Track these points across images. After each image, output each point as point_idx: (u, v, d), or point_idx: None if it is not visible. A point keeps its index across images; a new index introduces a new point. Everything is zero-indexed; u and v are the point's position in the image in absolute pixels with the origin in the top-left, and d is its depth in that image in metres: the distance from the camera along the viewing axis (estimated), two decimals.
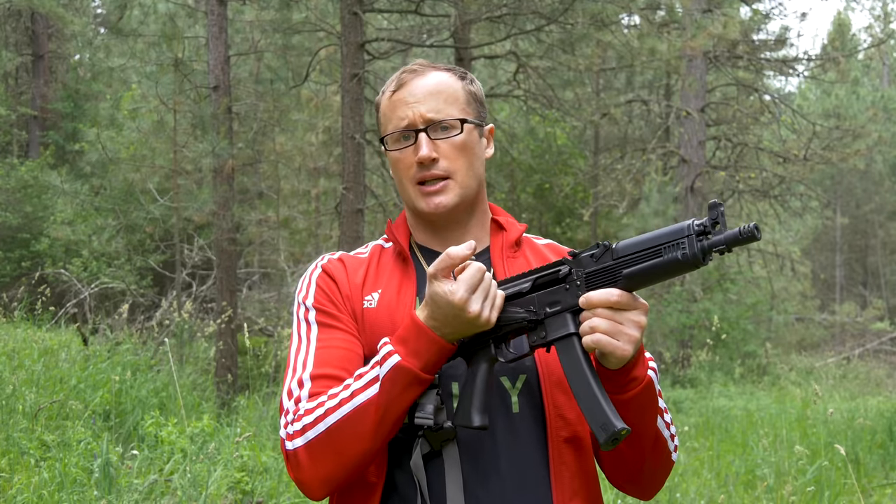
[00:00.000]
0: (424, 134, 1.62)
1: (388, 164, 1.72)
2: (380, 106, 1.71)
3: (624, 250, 1.43)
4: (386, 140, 1.66)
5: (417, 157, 1.61)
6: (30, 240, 15.68)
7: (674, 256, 1.38)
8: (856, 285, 29.55)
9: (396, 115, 1.65)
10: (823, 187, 24.28)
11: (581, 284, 1.47)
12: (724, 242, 1.35)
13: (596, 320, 1.43)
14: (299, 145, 12.16)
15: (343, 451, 1.49)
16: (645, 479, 1.64)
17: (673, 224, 1.42)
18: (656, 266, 1.40)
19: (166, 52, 9.91)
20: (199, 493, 4.73)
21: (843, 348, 19.65)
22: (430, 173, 1.62)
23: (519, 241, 1.73)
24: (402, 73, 1.68)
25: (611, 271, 1.44)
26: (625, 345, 1.42)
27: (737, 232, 1.33)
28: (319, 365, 1.58)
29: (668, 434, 1.62)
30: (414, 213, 1.70)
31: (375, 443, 1.50)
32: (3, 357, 7.12)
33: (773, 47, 17.31)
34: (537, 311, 1.50)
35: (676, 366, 14.60)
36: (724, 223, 1.36)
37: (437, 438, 1.51)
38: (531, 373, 1.59)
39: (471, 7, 8.98)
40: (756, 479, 6.40)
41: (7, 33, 19.64)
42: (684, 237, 1.37)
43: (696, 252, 1.36)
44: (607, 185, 17.15)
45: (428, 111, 1.63)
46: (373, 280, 1.69)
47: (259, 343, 10.22)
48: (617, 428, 1.40)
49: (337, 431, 1.49)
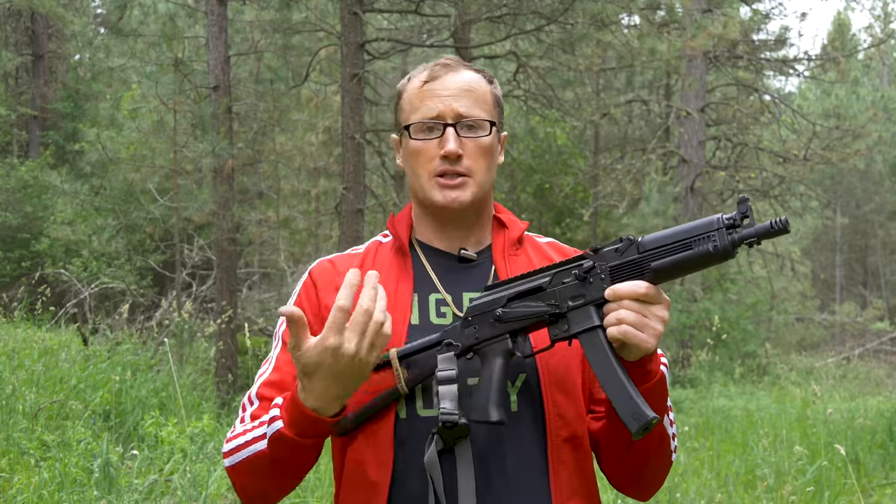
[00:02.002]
0: (453, 129, 1.61)
1: (404, 152, 1.68)
2: (403, 93, 1.68)
3: (651, 244, 1.44)
4: (410, 128, 1.64)
5: (444, 150, 1.60)
6: (30, 240, 15.68)
7: (705, 249, 1.40)
8: (856, 285, 29.56)
9: (425, 104, 1.63)
10: (823, 187, 24.28)
11: (605, 278, 1.47)
12: (755, 235, 1.37)
13: (623, 312, 1.43)
14: (299, 145, 12.17)
15: (257, 483, 1.58)
16: (646, 478, 1.64)
17: (689, 222, 1.44)
18: (687, 258, 1.41)
19: (166, 52, 9.91)
20: (199, 493, 4.73)
21: (843, 348, 19.65)
22: (452, 169, 1.61)
23: (521, 239, 1.72)
24: (434, 66, 1.66)
25: (638, 264, 1.45)
26: (649, 338, 1.43)
27: (768, 225, 1.36)
28: (267, 386, 1.63)
29: (671, 433, 1.62)
30: (423, 205, 1.68)
31: (282, 485, 1.58)
32: (3, 357, 7.12)
33: (773, 47, 17.32)
34: (559, 305, 1.50)
35: (676, 366, 14.60)
36: (753, 218, 1.38)
37: (451, 436, 1.50)
38: (530, 372, 1.58)
39: (471, 7, 8.98)
40: (756, 479, 6.39)
41: (7, 33, 19.64)
42: (715, 230, 1.39)
43: (728, 244, 1.38)
44: (607, 185, 17.16)
45: (460, 107, 1.62)
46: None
47: (259, 343, 10.22)
48: (649, 417, 1.41)
49: (247, 465, 1.57)
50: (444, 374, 1.50)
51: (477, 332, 1.54)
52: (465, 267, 1.67)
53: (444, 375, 1.50)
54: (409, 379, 1.55)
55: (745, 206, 1.38)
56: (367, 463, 1.57)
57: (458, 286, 1.63)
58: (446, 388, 1.49)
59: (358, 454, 1.59)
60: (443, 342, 1.55)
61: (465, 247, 1.69)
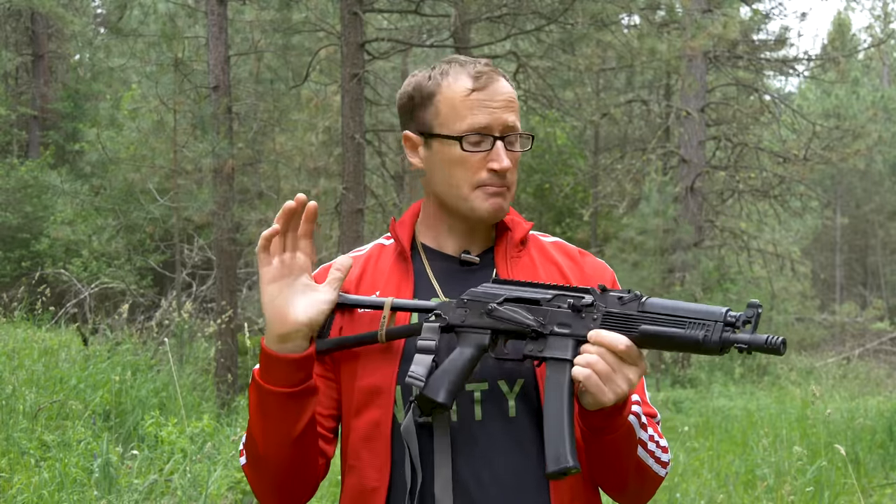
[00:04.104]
0: (502, 143, 1.61)
1: (437, 157, 1.63)
2: (438, 95, 1.63)
3: (651, 307, 1.44)
4: (462, 139, 1.60)
5: (498, 166, 1.59)
6: (30, 240, 15.68)
7: (694, 335, 1.38)
8: (856, 285, 29.55)
9: (474, 114, 1.60)
10: (823, 187, 24.27)
11: (597, 319, 1.47)
12: (747, 343, 1.35)
13: (595, 358, 1.42)
14: (299, 145, 12.16)
15: (263, 479, 1.60)
16: (631, 495, 1.65)
17: (699, 304, 1.42)
18: (674, 336, 1.40)
19: (166, 52, 9.90)
20: (199, 493, 4.73)
21: (843, 348, 19.63)
22: (500, 182, 1.61)
23: (525, 240, 1.71)
24: (477, 72, 1.62)
25: (630, 320, 1.44)
26: (609, 393, 1.41)
27: (763, 339, 1.34)
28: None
29: (654, 459, 1.61)
30: (453, 212, 1.66)
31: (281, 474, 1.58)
32: (3, 357, 7.11)
33: (773, 47, 17.32)
34: (545, 325, 1.50)
35: (676, 366, 14.60)
36: (757, 325, 1.36)
37: (427, 404, 1.50)
38: (529, 378, 1.58)
39: (471, 7, 8.98)
40: (756, 479, 6.39)
41: (7, 33, 19.65)
42: (713, 321, 1.38)
43: (718, 340, 1.37)
44: (607, 185, 17.17)
45: (509, 120, 1.61)
46: (370, 280, 1.68)
47: (259, 343, 10.21)
48: (568, 465, 1.41)
49: (248, 447, 1.61)
50: (423, 344, 1.52)
51: (465, 316, 1.55)
52: (467, 270, 1.67)
53: (423, 345, 1.52)
54: (392, 332, 1.57)
55: (754, 311, 1.36)
56: (366, 468, 1.58)
57: (459, 290, 1.62)
58: (422, 357, 1.51)
59: (356, 460, 1.60)
60: (434, 311, 1.56)
61: (469, 249, 1.68)
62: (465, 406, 1.56)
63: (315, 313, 1.52)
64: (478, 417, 1.56)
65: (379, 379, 1.58)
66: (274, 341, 1.51)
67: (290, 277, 1.53)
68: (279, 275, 1.52)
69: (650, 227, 14.57)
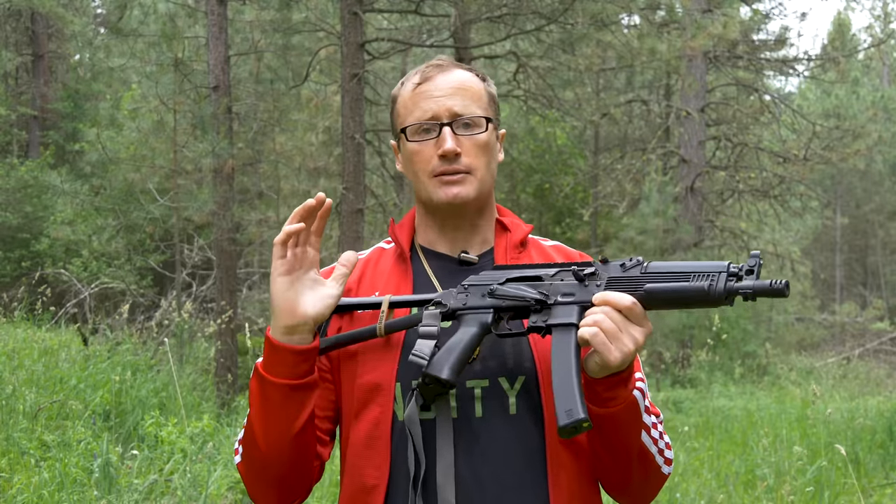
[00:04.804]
0: (449, 128, 1.61)
1: (403, 156, 1.68)
2: (398, 98, 1.68)
3: (655, 268, 1.46)
4: (406, 131, 1.64)
5: (441, 150, 1.59)
6: (30, 240, 15.67)
7: (699, 285, 1.40)
8: (856, 285, 29.55)
9: (419, 107, 1.63)
10: (823, 187, 24.27)
11: (601, 285, 1.48)
12: (752, 289, 1.37)
13: (601, 317, 1.42)
14: (299, 145, 12.15)
15: (253, 466, 1.60)
16: (634, 491, 1.63)
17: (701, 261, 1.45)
18: (679, 289, 1.42)
19: (166, 52, 9.90)
20: (199, 493, 4.73)
21: (843, 348, 19.63)
22: (451, 167, 1.60)
23: (524, 242, 1.72)
24: (426, 68, 1.66)
25: (634, 281, 1.46)
26: (616, 352, 1.41)
27: (767, 284, 1.36)
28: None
29: (657, 448, 1.61)
30: (426, 207, 1.68)
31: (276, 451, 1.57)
32: (3, 357, 7.12)
33: (773, 47, 17.31)
34: (549, 297, 1.51)
35: (676, 366, 14.60)
36: (759, 274, 1.39)
37: (430, 392, 1.50)
38: (530, 375, 1.58)
39: (471, 7, 8.98)
40: (756, 479, 6.39)
41: (7, 33, 19.65)
42: (717, 272, 1.40)
43: (723, 289, 1.39)
44: (607, 185, 17.16)
45: (454, 106, 1.61)
46: (369, 282, 1.69)
47: (259, 343, 10.21)
48: (580, 416, 1.40)
49: (245, 442, 1.60)
50: (425, 330, 1.53)
51: (466, 300, 1.55)
52: (467, 270, 1.67)
53: (426, 331, 1.53)
54: (391, 324, 1.58)
55: (755, 260, 1.39)
56: (365, 466, 1.58)
57: None
58: (424, 342, 1.51)
59: (356, 458, 1.60)
60: (433, 301, 1.57)
61: (468, 249, 1.69)
62: (465, 403, 1.56)
63: (322, 308, 1.53)
64: (478, 414, 1.56)
65: (379, 375, 1.59)
66: (280, 332, 1.51)
67: (301, 271, 1.53)
68: (291, 268, 1.52)
69: (650, 228, 14.56)
